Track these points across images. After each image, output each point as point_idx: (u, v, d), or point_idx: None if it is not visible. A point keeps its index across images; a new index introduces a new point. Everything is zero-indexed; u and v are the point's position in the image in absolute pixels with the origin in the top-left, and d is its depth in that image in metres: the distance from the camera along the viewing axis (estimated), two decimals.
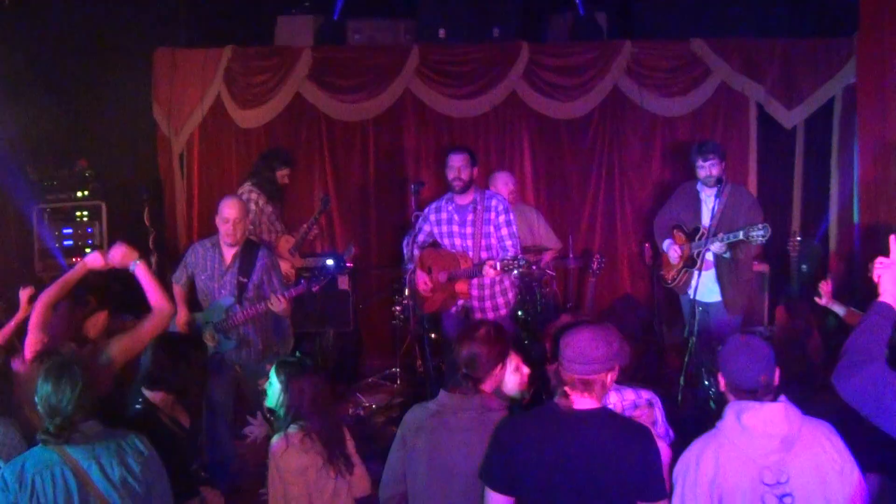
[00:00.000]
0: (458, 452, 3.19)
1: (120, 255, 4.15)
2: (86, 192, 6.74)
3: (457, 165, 5.43)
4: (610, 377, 3.01)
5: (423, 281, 5.59)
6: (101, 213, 6.73)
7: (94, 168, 6.81)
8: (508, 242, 5.45)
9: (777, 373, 3.02)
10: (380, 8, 7.44)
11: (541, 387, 3.79)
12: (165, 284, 6.26)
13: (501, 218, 5.46)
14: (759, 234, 5.19)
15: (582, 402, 2.97)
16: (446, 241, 5.62)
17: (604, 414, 2.99)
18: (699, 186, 5.75)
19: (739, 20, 7.16)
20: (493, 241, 5.48)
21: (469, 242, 5.50)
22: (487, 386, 3.34)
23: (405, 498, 3.34)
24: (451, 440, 3.21)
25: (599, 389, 2.97)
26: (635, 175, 7.38)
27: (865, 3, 6.33)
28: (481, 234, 5.47)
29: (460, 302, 5.58)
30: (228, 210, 5.01)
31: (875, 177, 6.34)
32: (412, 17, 7.27)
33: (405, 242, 5.76)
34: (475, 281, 5.48)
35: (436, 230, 5.66)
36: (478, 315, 5.55)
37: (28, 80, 6.31)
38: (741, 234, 5.26)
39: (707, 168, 5.60)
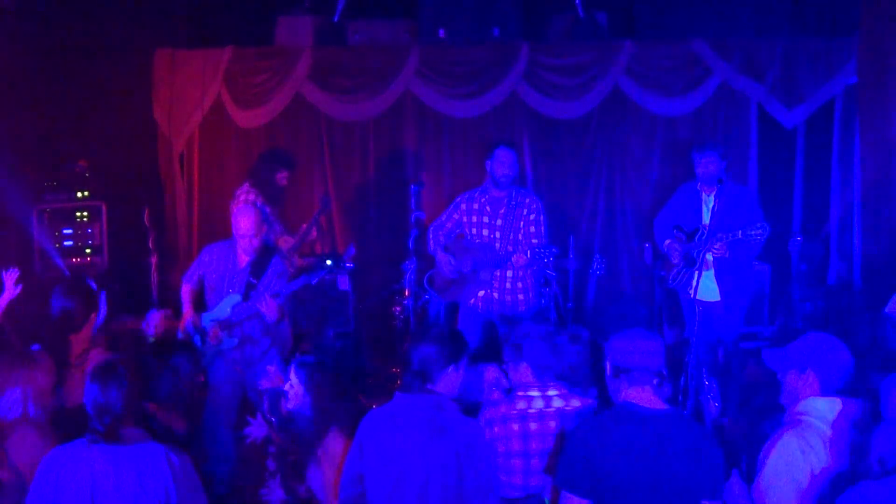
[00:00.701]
0: (411, 452, 3.20)
1: None
2: (86, 193, 6.74)
3: (508, 161, 5.56)
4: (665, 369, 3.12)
5: (449, 266, 5.67)
6: (101, 213, 6.73)
7: (94, 168, 6.81)
8: (534, 241, 5.56)
9: None
10: (380, 8, 7.44)
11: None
12: (164, 284, 6.32)
13: (532, 216, 5.60)
14: (756, 233, 5.21)
15: (656, 401, 3.05)
16: (474, 231, 5.71)
17: (678, 415, 3.12)
18: (699, 186, 5.76)
19: (739, 20, 7.14)
20: (521, 236, 5.58)
21: (497, 234, 5.61)
22: (441, 387, 3.32)
23: (363, 499, 3.34)
24: (404, 440, 3.22)
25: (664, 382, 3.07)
26: (635, 175, 7.37)
27: (865, 3, 6.33)
28: (510, 228, 5.58)
29: (481, 294, 5.65)
30: (245, 225, 5.07)
31: (876, 177, 6.34)
32: (412, 17, 7.26)
33: (431, 229, 5.87)
34: (499, 273, 5.58)
35: (465, 219, 5.75)
36: (497, 308, 5.65)
37: (28, 79, 6.30)
38: (739, 234, 5.28)
39: (704, 165, 5.62)
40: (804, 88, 7.05)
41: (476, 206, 5.72)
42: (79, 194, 6.72)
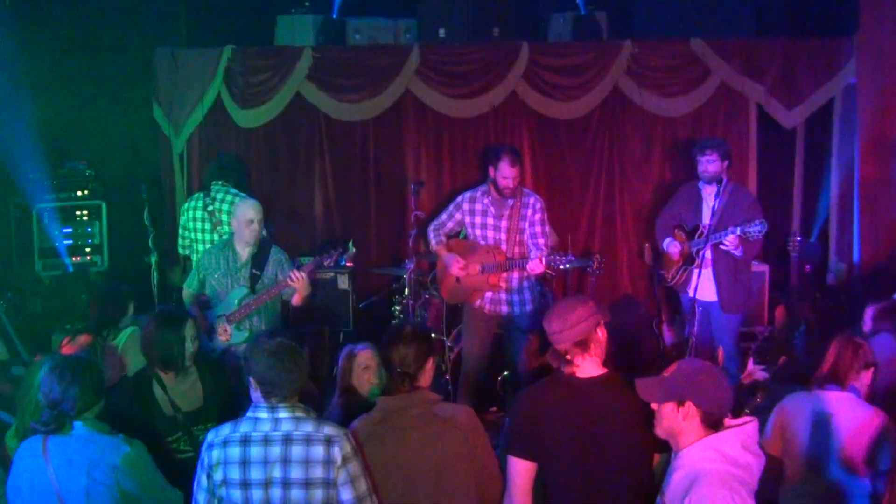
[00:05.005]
0: (411, 452, 3.16)
1: None
2: (86, 192, 6.76)
3: (514, 175, 5.50)
4: (600, 333, 3.16)
5: (458, 265, 5.62)
6: (101, 212, 6.74)
7: (94, 168, 6.81)
8: (541, 241, 5.56)
9: None
10: (380, 8, 7.44)
11: None
12: (164, 284, 6.33)
13: (538, 216, 5.59)
14: (755, 229, 5.25)
15: (586, 366, 3.13)
16: (478, 233, 5.68)
17: (610, 377, 3.16)
18: (700, 185, 5.77)
19: (739, 20, 7.15)
20: (526, 237, 5.58)
21: (503, 236, 5.59)
22: (423, 381, 3.32)
23: None
24: (403, 441, 3.18)
25: (596, 348, 3.14)
26: (635, 175, 7.37)
27: (865, 3, 6.34)
28: (516, 229, 5.57)
29: (488, 295, 5.65)
30: (253, 213, 5.17)
31: (875, 177, 6.35)
32: (412, 17, 7.26)
33: (431, 228, 5.83)
34: (505, 275, 5.58)
35: (468, 220, 5.72)
36: (504, 308, 5.64)
37: (28, 79, 6.32)
38: (738, 231, 5.30)
39: (705, 164, 5.64)
40: (804, 88, 7.06)
41: (479, 206, 5.68)
42: (79, 193, 6.73)
